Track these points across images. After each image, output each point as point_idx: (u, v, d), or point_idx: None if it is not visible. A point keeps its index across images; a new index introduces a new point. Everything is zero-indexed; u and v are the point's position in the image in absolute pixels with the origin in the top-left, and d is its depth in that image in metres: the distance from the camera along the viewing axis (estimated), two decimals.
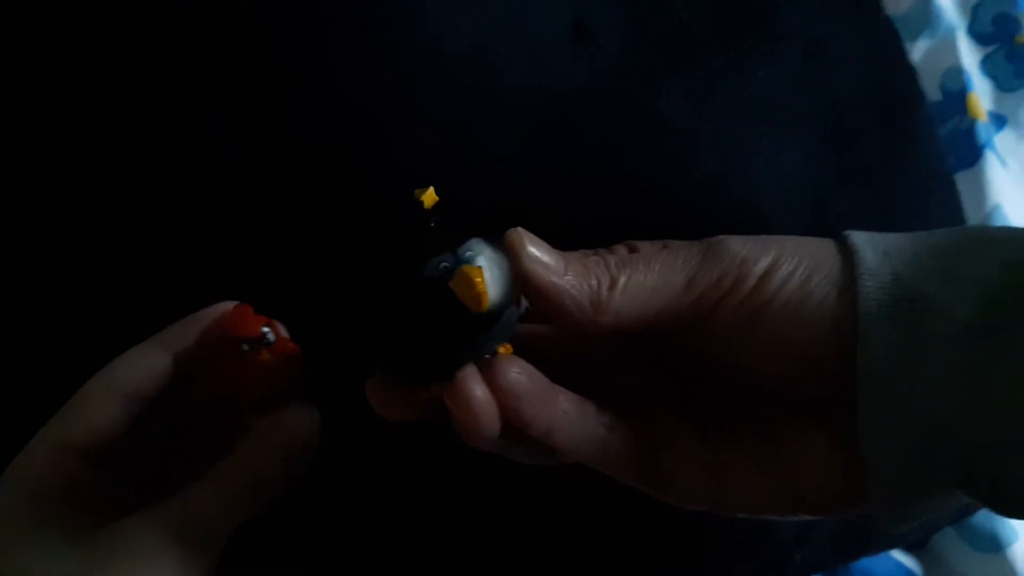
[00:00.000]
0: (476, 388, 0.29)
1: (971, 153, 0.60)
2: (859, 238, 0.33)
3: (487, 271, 0.28)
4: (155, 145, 0.46)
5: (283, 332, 0.36)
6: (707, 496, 0.34)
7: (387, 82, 0.44)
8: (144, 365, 0.35)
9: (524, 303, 0.31)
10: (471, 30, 0.45)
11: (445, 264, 0.28)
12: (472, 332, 0.28)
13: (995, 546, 0.51)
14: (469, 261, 0.28)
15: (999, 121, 0.63)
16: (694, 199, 0.47)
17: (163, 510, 0.32)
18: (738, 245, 0.33)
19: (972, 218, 0.57)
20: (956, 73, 0.62)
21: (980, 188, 0.58)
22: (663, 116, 0.47)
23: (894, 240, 0.33)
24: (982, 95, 0.62)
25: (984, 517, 0.52)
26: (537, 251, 0.31)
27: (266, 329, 0.35)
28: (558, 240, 0.30)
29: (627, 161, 0.46)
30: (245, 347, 0.34)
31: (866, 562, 0.53)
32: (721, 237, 0.33)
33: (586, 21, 0.46)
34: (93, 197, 0.47)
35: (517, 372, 0.30)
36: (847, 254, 0.32)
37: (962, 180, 0.58)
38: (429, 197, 0.30)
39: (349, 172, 0.45)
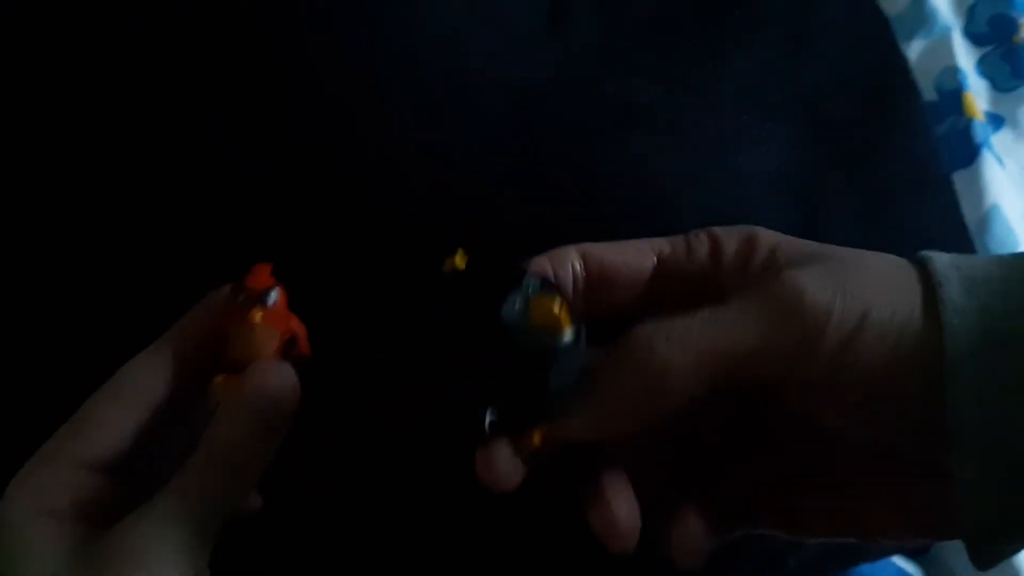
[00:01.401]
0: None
1: (967, 152, 0.58)
2: (942, 264, 0.30)
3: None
4: (152, 142, 0.46)
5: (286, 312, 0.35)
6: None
7: (357, 68, 0.44)
8: (151, 372, 0.35)
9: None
10: (446, 16, 0.45)
11: (518, 305, 0.30)
12: (565, 356, 0.30)
13: None
14: (534, 294, 0.30)
15: (996, 121, 0.62)
16: (672, 191, 0.46)
17: (154, 507, 0.32)
18: (821, 297, 0.30)
19: (969, 218, 0.55)
20: (952, 73, 0.61)
21: (977, 188, 0.57)
22: (639, 105, 0.46)
23: (980, 266, 0.30)
24: (978, 95, 0.61)
25: None
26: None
27: (272, 290, 0.33)
28: (528, 233, 0.29)
29: (602, 151, 0.45)
30: (241, 297, 0.33)
31: (866, 568, 0.51)
32: (794, 281, 0.30)
33: (564, 6, 0.45)
34: (94, 198, 0.47)
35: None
36: (929, 285, 0.30)
37: (959, 180, 0.57)
38: (461, 259, 0.32)
39: (318, 162, 0.44)
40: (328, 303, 0.41)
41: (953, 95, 0.61)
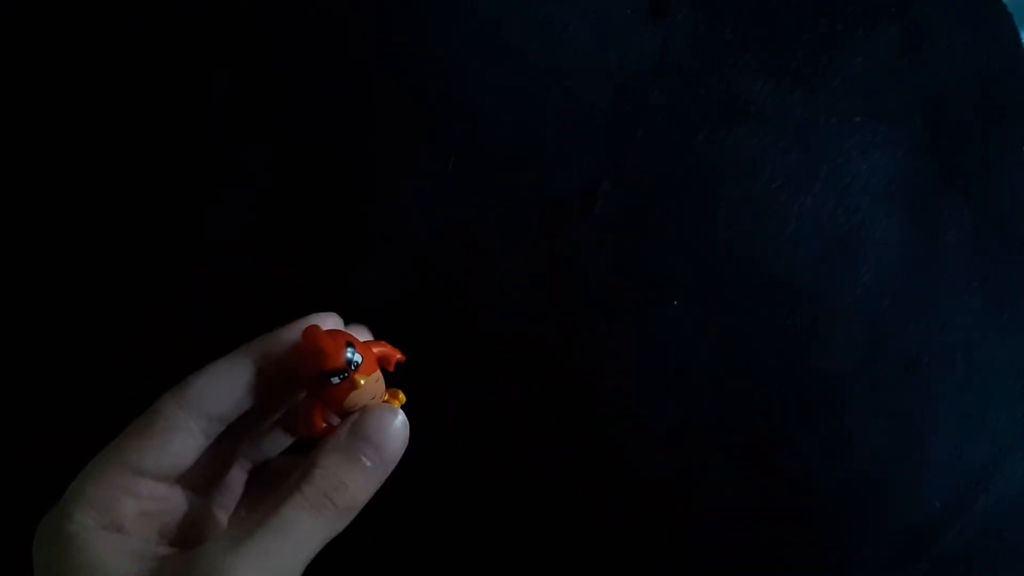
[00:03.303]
0: None
1: None
2: None
3: None
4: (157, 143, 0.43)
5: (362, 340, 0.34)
6: None
7: (448, 55, 0.41)
8: (226, 384, 0.32)
9: None
10: (541, 3, 0.42)
11: None
12: None
13: None
14: None
15: None
16: (771, 193, 0.43)
17: (253, 540, 0.29)
18: None
19: None
20: None
21: None
22: (744, 99, 0.43)
23: None
24: None
25: None
26: None
27: (350, 353, 0.32)
28: (623, 226, 0.27)
29: (703, 146, 0.42)
30: (335, 380, 0.31)
31: None
32: None
33: None
34: (95, 198, 0.43)
35: None
36: None
37: None
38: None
39: (402, 151, 0.41)
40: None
41: None
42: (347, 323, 0.37)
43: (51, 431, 0.41)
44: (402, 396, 0.34)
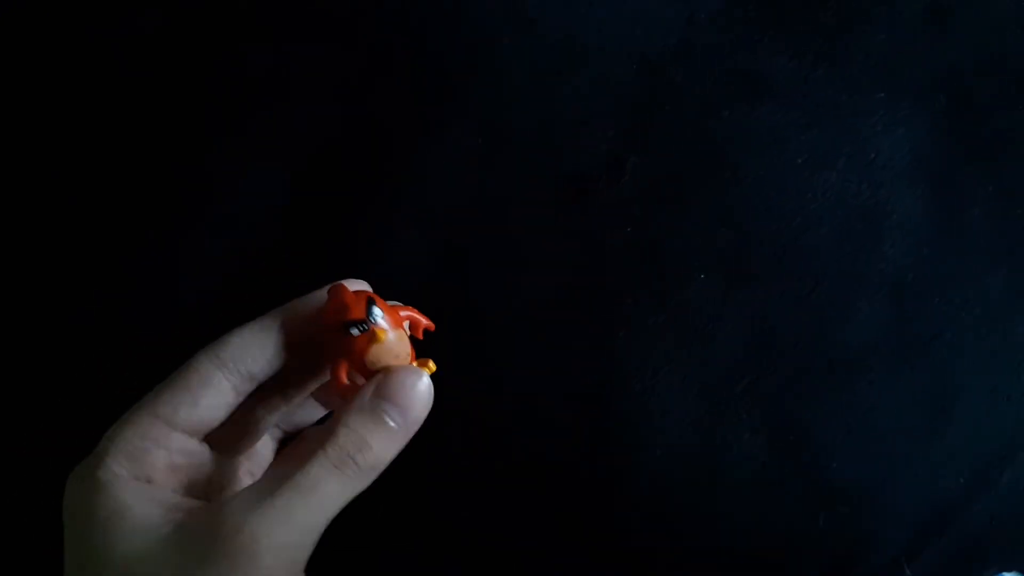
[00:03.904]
0: None
1: None
2: None
3: None
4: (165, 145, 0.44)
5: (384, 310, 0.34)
6: None
7: (473, 31, 0.41)
8: (258, 343, 0.33)
9: None
10: None
11: None
12: None
13: None
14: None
15: None
16: (795, 169, 0.43)
17: (274, 497, 0.29)
18: None
19: None
20: None
21: None
22: (767, 76, 0.43)
23: None
24: None
25: None
26: None
27: (372, 306, 0.32)
28: (649, 200, 0.28)
29: (727, 122, 0.42)
30: (355, 331, 0.32)
31: None
32: None
33: None
34: (96, 198, 0.45)
35: None
36: None
37: None
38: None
39: (424, 123, 0.42)
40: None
41: None
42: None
43: (83, 393, 0.42)
44: (432, 365, 0.34)
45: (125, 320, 0.42)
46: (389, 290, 0.39)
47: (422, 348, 0.36)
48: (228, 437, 0.34)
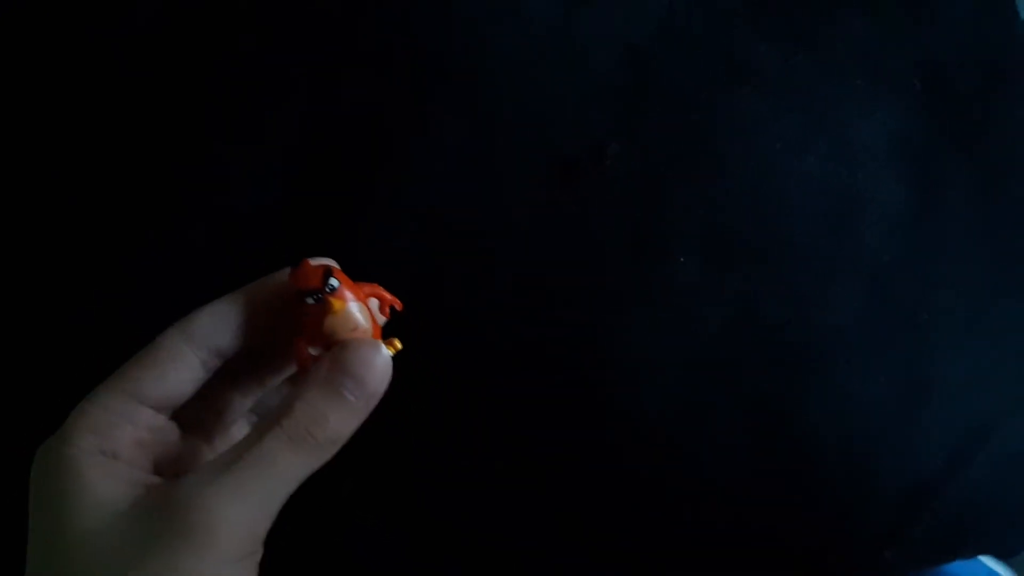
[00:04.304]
0: None
1: None
2: None
3: None
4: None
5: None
6: None
7: (461, 19, 0.42)
8: (225, 318, 0.33)
9: None
10: None
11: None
12: None
13: None
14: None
15: None
16: (774, 154, 0.44)
17: (230, 471, 0.29)
18: None
19: None
20: None
21: None
22: (748, 63, 0.44)
23: None
24: None
25: None
26: None
27: (328, 276, 0.32)
28: (634, 188, 0.28)
29: (706, 108, 0.43)
30: (310, 300, 0.32)
31: (957, 566, 0.49)
32: None
33: None
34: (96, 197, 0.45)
35: None
36: None
37: None
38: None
39: (413, 107, 0.42)
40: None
41: None
42: (356, 279, 0.38)
43: (83, 393, 0.42)
44: (398, 343, 0.33)
45: (125, 320, 0.43)
46: (375, 269, 0.40)
47: (398, 330, 0.36)
48: (202, 421, 0.34)
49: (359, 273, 0.34)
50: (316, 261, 0.34)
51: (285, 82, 0.44)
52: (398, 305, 0.35)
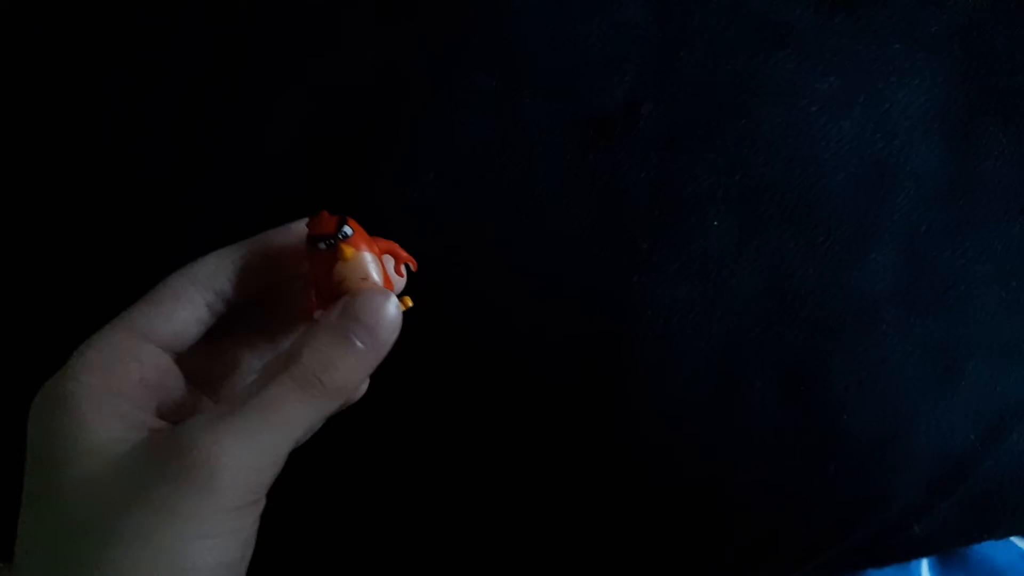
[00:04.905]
0: None
1: None
2: None
3: None
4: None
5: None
6: None
7: None
8: (230, 264, 0.32)
9: None
10: None
11: None
12: None
13: None
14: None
15: None
16: (810, 117, 0.43)
17: (234, 417, 0.28)
18: None
19: None
20: None
21: None
22: (785, 23, 0.43)
23: None
24: None
25: None
26: None
27: (343, 225, 0.32)
28: (661, 147, 0.27)
29: (743, 70, 0.42)
30: (322, 245, 0.32)
31: (987, 546, 0.48)
32: None
33: None
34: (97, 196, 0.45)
35: None
36: None
37: None
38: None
39: (442, 66, 0.41)
40: None
41: None
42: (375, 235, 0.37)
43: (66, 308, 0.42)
44: (409, 301, 0.33)
45: (136, 267, 0.42)
46: (407, 231, 0.39)
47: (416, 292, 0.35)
48: (212, 376, 0.34)
49: (376, 228, 0.34)
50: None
51: (309, 34, 0.44)
52: (413, 264, 0.35)
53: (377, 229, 0.34)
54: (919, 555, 0.46)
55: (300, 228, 0.33)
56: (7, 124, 0.45)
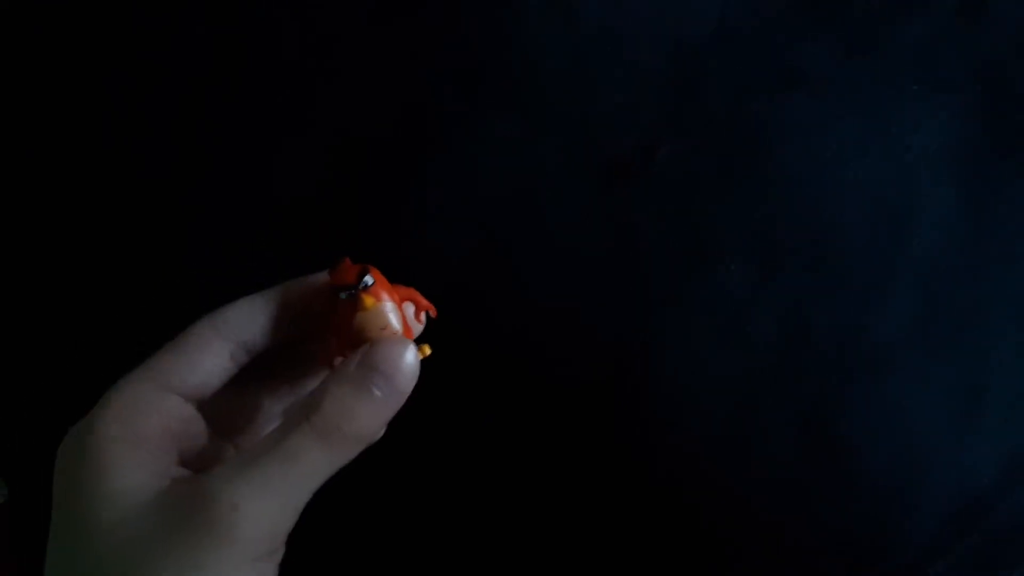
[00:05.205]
0: None
1: None
2: None
3: None
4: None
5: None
6: None
7: (506, 16, 0.41)
8: (255, 313, 0.32)
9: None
10: None
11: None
12: None
13: None
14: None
15: None
16: (827, 160, 0.43)
17: (255, 466, 0.28)
18: None
19: None
20: None
21: None
22: (804, 66, 0.43)
23: None
24: None
25: None
26: None
27: (364, 275, 0.32)
28: (679, 188, 0.27)
29: (763, 112, 0.42)
30: (343, 295, 0.32)
31: None
32: None
33: None
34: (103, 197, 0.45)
35: None
36: None
37: None
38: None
39: (460, 108, 0.42)
40: None
41: None
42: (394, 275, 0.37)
43: (89, 355, 0.42)
44: (427, 349, 0.33)
45: (159, 311, 0.43)
46: (427, 271, 0.39)
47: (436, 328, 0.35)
48: (233, 423, 0.34)
49: (397, 269, 0.34)
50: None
51: (331, 75, 0.44)
52: (432, 311, 0.35)
53: (393, 271, 0.34)
54: None
55: (323, 278, 0.34)
56: (7, 124, 0.45)
